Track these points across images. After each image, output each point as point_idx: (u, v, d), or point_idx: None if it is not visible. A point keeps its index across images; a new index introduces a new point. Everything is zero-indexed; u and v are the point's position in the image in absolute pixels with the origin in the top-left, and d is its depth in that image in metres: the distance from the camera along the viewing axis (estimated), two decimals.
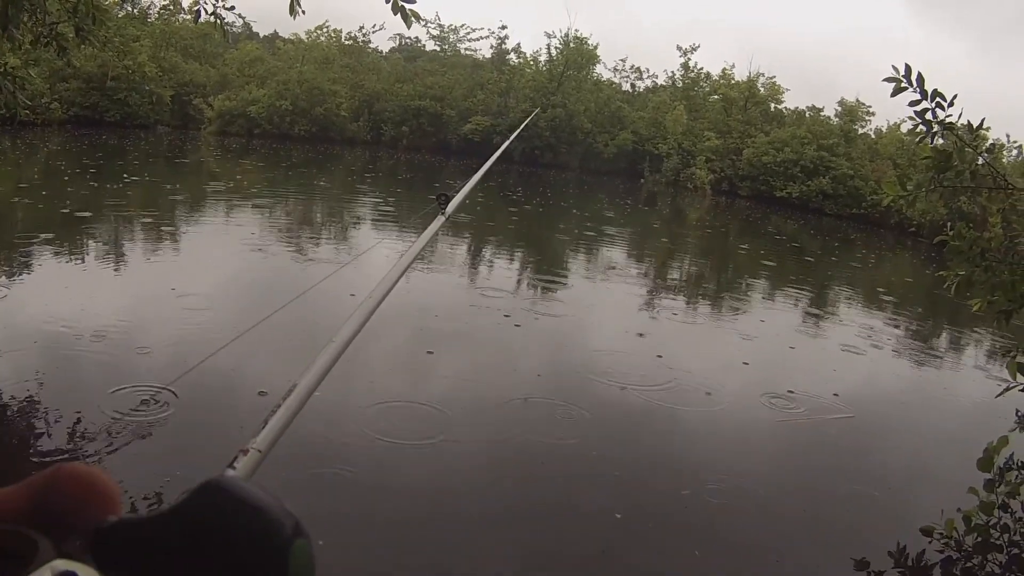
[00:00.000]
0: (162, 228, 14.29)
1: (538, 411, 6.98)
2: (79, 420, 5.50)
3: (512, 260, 15.99)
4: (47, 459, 4.96)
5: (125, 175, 22.01)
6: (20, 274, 9.83)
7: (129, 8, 29.05)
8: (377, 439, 5.90)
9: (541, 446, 6.26)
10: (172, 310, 8.68)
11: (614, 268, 15.98)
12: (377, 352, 7.82)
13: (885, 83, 4.96)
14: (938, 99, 4.95)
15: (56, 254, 10.99)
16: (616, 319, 11.21)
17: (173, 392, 6.08)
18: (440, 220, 2.63)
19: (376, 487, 5.26)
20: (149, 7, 44.03)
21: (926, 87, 4.91)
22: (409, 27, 4.74)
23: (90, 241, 12.26)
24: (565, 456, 6.13)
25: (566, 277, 14.43)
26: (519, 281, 13.49)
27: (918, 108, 5.00)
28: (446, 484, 5.45)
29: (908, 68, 4.91)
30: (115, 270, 10.50)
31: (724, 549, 5.10)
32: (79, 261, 10.74)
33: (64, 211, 14.59)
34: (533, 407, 7.04)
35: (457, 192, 2.97)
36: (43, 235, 11.94)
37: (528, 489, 5.61)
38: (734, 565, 4.97)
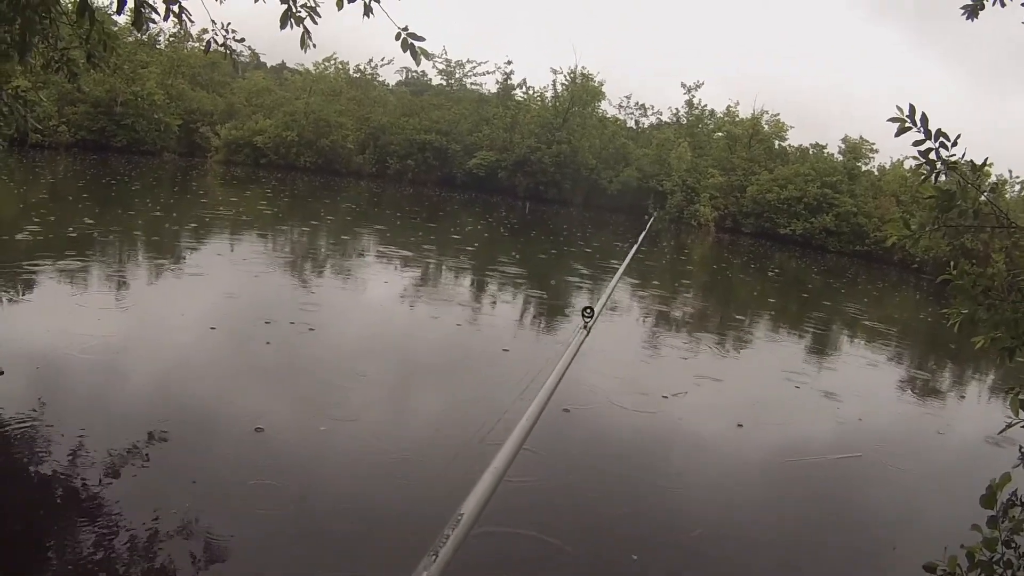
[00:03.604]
0: (165, 257, 14.34)
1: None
2: (79, 447, 5.48)
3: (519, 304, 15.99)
4: (48, 484, 4.94)
5: (130, 200, 22.13)
6: (23, 297, 9.81)
7: (138, 35, 29.26)
8: None
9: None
10: (175, 340, 8.71)
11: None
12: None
13: (889, 122, 4.98)
14: (942, 139, 4.98)
15: (58, 279, 10.98)
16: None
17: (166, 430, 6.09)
18: (582, 335, 2.76)
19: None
20: (158, 34, 44.37)
21: (930, 127, 4.94)
22: (418, 64, 4.88)
23: (94, 267, 12.26)
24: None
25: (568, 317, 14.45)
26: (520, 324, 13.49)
27: (922, 148, 5.03)
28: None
29: (912, 108, 4.93)
30: (117, 298, 10.47)
31: None
32: (82, 285, 10.72)
33: (70, 234, 14.66)
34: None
35: (598, 303, 3.11)
36: (46, 258, 11.94)
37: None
38: None
